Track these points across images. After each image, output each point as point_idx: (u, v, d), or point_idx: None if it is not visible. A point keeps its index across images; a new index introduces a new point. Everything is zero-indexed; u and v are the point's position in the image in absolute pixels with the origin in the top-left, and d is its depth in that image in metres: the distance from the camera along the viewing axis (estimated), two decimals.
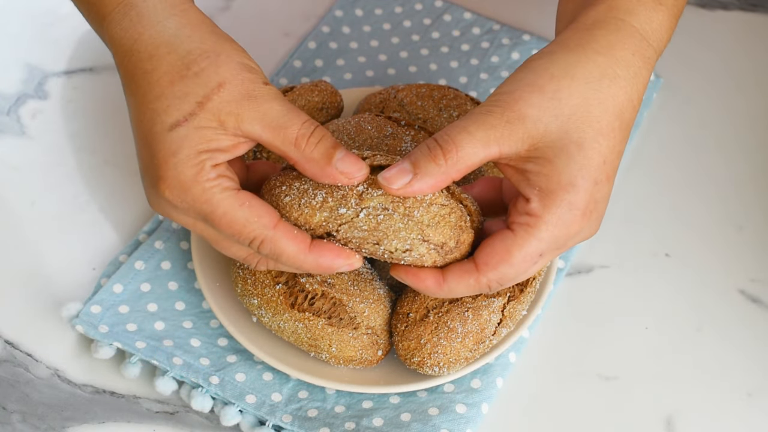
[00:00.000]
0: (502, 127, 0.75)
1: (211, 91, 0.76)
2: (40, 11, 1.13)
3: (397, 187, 0.76)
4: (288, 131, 0.76)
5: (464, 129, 0.75)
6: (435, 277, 0.79)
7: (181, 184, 0.77)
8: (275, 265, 0.80)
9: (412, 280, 0.80)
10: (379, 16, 1.14)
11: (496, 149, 0.75)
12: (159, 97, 0.77)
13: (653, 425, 0.91)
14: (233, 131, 0.77)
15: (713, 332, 0.95)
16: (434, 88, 0.99)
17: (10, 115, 1.06)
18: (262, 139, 0.77)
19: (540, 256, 0.77)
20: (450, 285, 0.79)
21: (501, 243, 0.77)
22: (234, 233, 0.77)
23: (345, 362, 0.88)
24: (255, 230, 0.77)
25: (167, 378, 0.90)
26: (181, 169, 0.76)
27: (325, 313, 0.87)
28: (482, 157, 0.75)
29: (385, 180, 0.76)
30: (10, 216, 1.00)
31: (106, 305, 0.93)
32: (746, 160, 1.05)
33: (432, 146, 0.76)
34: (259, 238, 0.77)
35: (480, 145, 0.75)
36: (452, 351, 0.86)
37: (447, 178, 0.76)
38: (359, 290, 0.88)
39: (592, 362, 0.93)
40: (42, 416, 0.89)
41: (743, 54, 1.12)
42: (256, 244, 0.78)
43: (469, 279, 0.78)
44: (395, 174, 0.76)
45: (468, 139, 0.75)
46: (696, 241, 1.00)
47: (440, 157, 0.75)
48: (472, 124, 0.75)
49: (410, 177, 0.76)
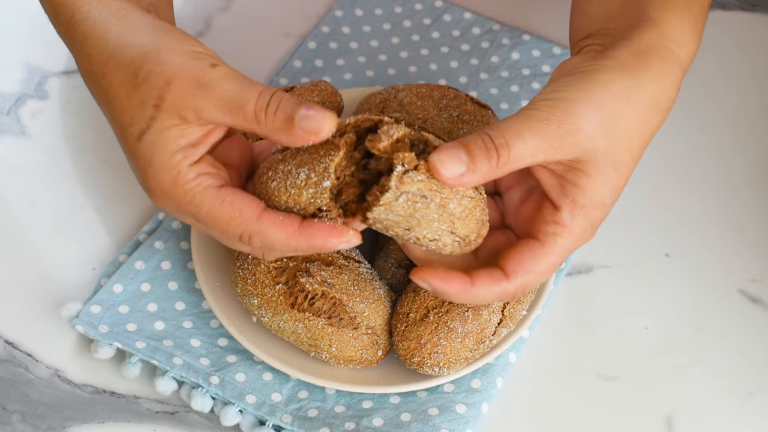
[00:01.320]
0: (556, 138, 0.75)
1: (162, 91, 0.75)
2: (40, 11, 1.12)
3: (450, 175, 0.74)
4: (246, 108, 0.75)
5: (519, 134, 0.75)
6: (462, 283, 0.77)
7: (164, 191, 0.77)
8: (275, 254, 0.79)
9: (439, 284, 0.78)
10: (379, 16, 1.14)
11: (542, 158, 0.76)
12: (122, 112, 0.77)
13: (653, 425, 0.91)
14: (196, 120, 0.76)
15: (713, 332, 0.95)
16: (434, 88, 0.99)
17: (10, 115, 1.06)
18: (225, 121, 0.76)
19: (563, 261, 0.78)
20: (477, 291, 0.77)
21: (529, 252, 0.77)
22: (221, 231, 0.77)
23: (345, 362, 0.88)
24: (240, 225, 0.76)
25: (167, 378, 0.90)
26: (159, 176, 0.76)
27: (325, 313, 0.87)
28: (528, 163, 0.76)
29: (439, 164, 0.74)
30: (10, 216, 1.00)
31: (106, 305, 0.93)
32: (746, 161, 1.05)
33: (488, 144, 0.75)
34: (247, 233, 0.77)
35: (530, 153, 0.75)
36: (452, 351, 0.86)
37: (491, 177, 0.75)
38: (359, 290, 0.88)
39: (592, 362, 0.93)
40: (42, 416, 0.89)
41: (742, 54, 1.12)
42: (245, 238, 0.77)
43: (497, 287, 0.77)
44: (451, 161, 0.74)
45: (521, 145, 0.75)
46: (696, 241, 1.00)
47: (494, 158, 0.74)
48: (527, 130, 0.75)
49: (464, 169, 0.74)
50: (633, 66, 0.78)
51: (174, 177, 0.76)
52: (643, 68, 0.78)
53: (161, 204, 0.78)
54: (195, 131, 0.76)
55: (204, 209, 0.76)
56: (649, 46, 0.79)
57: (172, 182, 0.76)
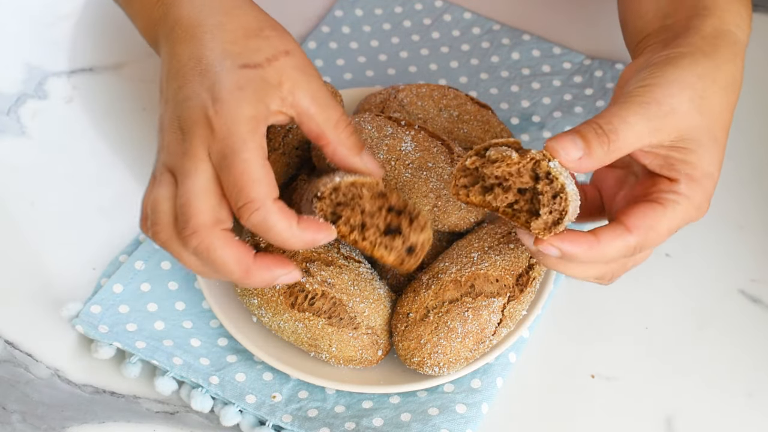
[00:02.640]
0: (658, 120, 0.79)
1: (278, 54, 0.81)
2: (40, 11, 1.13)
3: (569, 158, 0.78)
4: (332, 112, 0.82)
5: (624, 120, 0.79)
6: (589, 241, 0.79)
7: (236, 115, 0.78)
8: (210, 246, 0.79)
9: (568, 246, 0.79)
10: (379, 16, 1.14)
11: (647, 141, 0.80)
12: (233, 42, 0.81)
13: (653, 425, 0.91)
14: (286, 95, 0.80)
15: (713, 332, 0.95)
16: (434, 88, 0.99)
17: (10, 115, 1.06)
18: (308, 112, 0.81)
19: (676, 230, 0.81)
20: (603, 247, 0.79)
21: (651, 210, 0.80)
22: (238, 185, 0.78)
23: (345, 362, 0.88)
24: (258, 192, 0.78)
25: (167, 378, 0.90)
26: (243, 103, 0.79)
27: (325, 313, 0.87)
28: (635, 147, 0.80)
29: (560, 148, 0.78)
30: (10, 216, 1.00)
31: (106, 305, 0.93)
32: (746, 160, 1.05)
33: (599, 130, 0.79)
34: (256, 204, 0.78)
35: (636, 137, 0.79)
36: (452, 351, 0.86)
37: (605, 162, 0.79)
38: (359, 290, 0.88)
39: (592, 362, 0.93)
40: (42, 416, 0.89)
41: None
42: (250, 207, 0.78)
43: (621, 240, 0.79)
44: (570, 146, 0.78)
45: (628, 130, 0.79)
46: (696, 241, 1.00)
47: (606, 143, 0.79)
48: (632, 115, 0.79)
49: (581, 153, 0.78)
50: (709, 50, 0.83)
51: (251, 116, 0.79)
52: (717, 50, 0.83)
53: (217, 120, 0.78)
54: (276, 102, 0.80)
55: (246, 155, 0.78)
56: (715, 31, 0.84)
57: (248, 117, 0.79)
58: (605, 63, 1.10)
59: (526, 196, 0.79)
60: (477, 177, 0.81)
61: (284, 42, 0.82)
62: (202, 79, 0.80)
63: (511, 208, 0.80)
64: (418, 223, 0.83)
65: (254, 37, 0.82)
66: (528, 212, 0.79)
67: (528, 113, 1.07)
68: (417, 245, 0.83)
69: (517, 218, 0.80)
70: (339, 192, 0.81)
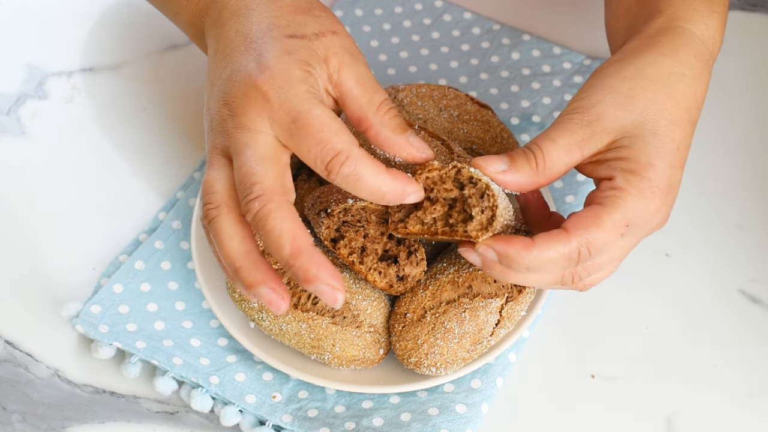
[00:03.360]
0: (582, 130, 0.80)
1: (326, 31, 0.81)
2: (40, 11, 1.13)
3: (491, 169, 0.80)
4: (375, 95, 0.80)
5: (548, 137, 0.80)
6: (524, 242, 0.79)
7: (288, 78, 0.78)
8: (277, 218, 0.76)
9: (502, 246, 0.79)
10: (379, 16, 1.14)
11: (578, 154, 0.81)
12: (279, 17, 0.81)
13: (653, 425, 0.91)
14: (331, 72, 0.79)
15: (713, 332, 0.95)
16: (434, 88, 0.99)
17: (10, 115, 1.06)
18: (352, 92, 0.80)
19: (626, 226, 0.79)
20: (539, 249, 0.78)
21: (590, 211, 0.80)
22: (321, 141, 0.76)
23: (348, 362, 0.88)
24: (344, 142, 0.76)
25: (167, 378, 0.90)
26: (292, 66, 0.78)
27: (328, 312, 0.87)
28: (566, 162, 0.80)
29: (483, 162, 0.80)
30: (10, 216, 1.00)
31: (106, 305, 0.93)
32: (746, 160, 1.05)
33: (526, 151, 0.81)
34: (346, 152, 0.76)
35: (563, 151, 0.80)
36: (449, 351, 0.86)
37: (536, 180, 0.80)
38: (360, 288, 0.88)
39: (592, 362, 0.93)
40: (42, 416, 0.89)
41: (743, 54, 1.12)
42: (339, 159, 0.76)
43: (558, 243, 0.79)
44: (492, 160, 0.81)
45: (552, 146, 0.80)
46: (696, 241, 1.00)
47: (532, 159, 0.80)
48: (555, 132, 0.81)
49: (505, 167, 0.80)
50: (642, 49, 0.83)
51: (305, 76, 0.78)
52: (654, 46, 0.83)
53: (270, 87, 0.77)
54: (324, 77, 0.79)
55: (317, 111, 0.77)
56: (659, 29, 0.84)
57: (302, 78, 0.78)
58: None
59: (457, 208, 0.81)
60: (409, 211, 0.82)
61: (332, 22, 0.82)
62: (248, 51, 0.79)
63: (449, 227, 0.81)
64: (415, 257, 0.86)
65: (302, 13, 0.81)
66: (463, 222, 0.81)
67: (528, 113, 1.07)
68: (409, 276, 0.86)
69: (455, 232, 0.81)
70: (348, 213, 0.84)
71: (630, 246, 0.82)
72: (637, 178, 0.80)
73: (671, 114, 0.81)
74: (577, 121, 0.80)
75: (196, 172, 1.02)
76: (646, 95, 0.81)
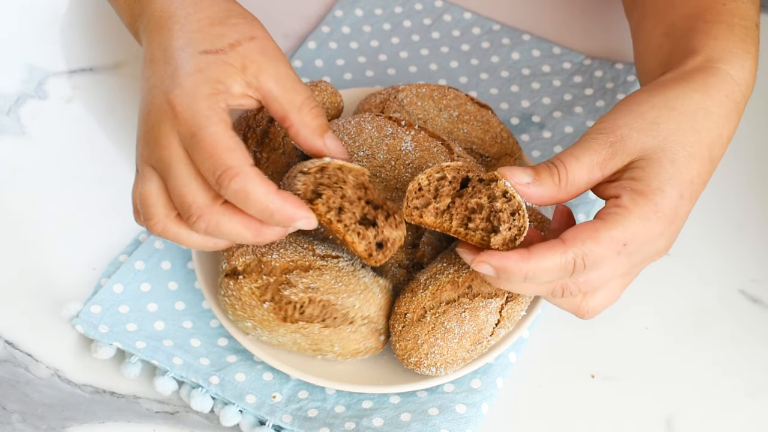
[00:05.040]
0: (605, 150, 0.82)
1: (243, 39, 0.84)
2: (40, 11, 1.13)
3: (517, 180, 0.82)
4: (296, 96, 0.84)
5: (571, 154, 0.82)
6: (520, 254, 0.80)
7: (194, 94, 0.81)
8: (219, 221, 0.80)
9: (498, 260, 0.80)
10: (379, 16, 1.14)
11: (599, 173, 0.82)
12: (196, 31, 0.84)
13: (653, 425, 0.91)
14: (250, 79, 0.83)
15: (713, 332, 0.95)
16: (434, 88, 0.99)
17: (10, 115, 1.06)
18: (272, 95, 0.83)
19: (624, 245, 0.80)
20: (535, 260, 0.79)
21: (590, 224, 0.80)
22: (213, 156, 0.79)
23: (352, 356, 0.88)
24: (235, 159, 0.79)
25: (167, 378, 0.90)
26: (200, 84, 0.81)
27: (317, 317, 0.86)
28: (587, 180, 0.82)
29: (509, 172, 0.82)
30: (10, 216, 1.00)
31: (106, 305, 0.93)
32: (746, 161, 1.05)
33: (549, 164, 0.82)
34: (235, 170, 0.79)
35: (585, 169, 0.82)
36: (449, 351, 0.86)
37: (557, 196, 0.82)
38: (344, 285, 0.87)
39: (592, 362, 0.93)
40: (42, 416, 0.89)
41: None
42: (229, 174, 0.79)
43: (555, 252, 0.79)
44: (517, 171, 0.82)
45: (575, 163, 0.81)
46: (696, 241, 1.00)
47: (555, 175, 0.82)
48: (579, 150, 0.82)
49: (530, 180, 0.82)
50: (674, 83, 0.85)
51: (211, 93, 0.81)
52: (686, 81, 0.84)
53: (178, 102, 0.80)
54: (240, 85, 0.82)
55: (214, 128, 0.80)
56: (694, 67, 0.86)
57: (207, 95, 0.81)
58: (605, 63, 1.10)
59: (482, 215, 0.82)
60: (428, 199, 0.83)
61: (251, 28, 0.84)
62: (166, 67, 0.83)
63: (465, 228, 0.82)
64: (393, 219, 0.85)
65: (219, 24, 0.84)
66: (483, 230, 0.82)
67: (528, 113, 1.07)
68: (388, 241, 0.85)
69: (471, 237, 0.82)
70: (325, 172, 0.83)
71: (625, 267, 0.82)
72: (643, 200, 0.80)
73: (692, 147, 0.82)
74: (602, 141, 0.82)
75: None
76: (671, 125, 0.82)
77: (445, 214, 0.83)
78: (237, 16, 0.85)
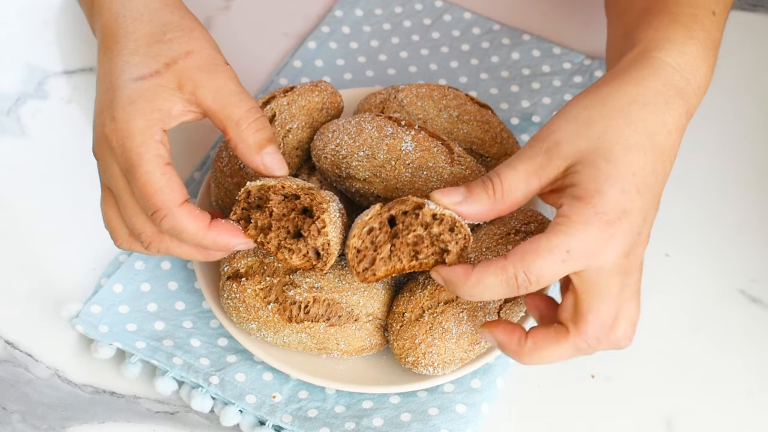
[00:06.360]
0: (540, 157, 0.81)
1: (179, 56, 0.84)
2: (40, 11, 1.13)
3: (447, 201, 0.82)
4: (234, 110, 0.83)
5: (508, 164, 0.82)
6: (464, 268, 0.80)
7: (128, 129, 0.82)
8: (170, 246, 0.84)
9: (445, 272, 0.81)
10: (379, 16, 1.14)
11: (536, 181, 0.81)
12: (133, 53, 0.84)
13: (653, 425, 0.91)
14: (188, 96, 0.83)
15: (713, 332, 0.95)
16: (434, 88, 0.99)
17: (10, 115, 1.06)
18: (210, 110, 0.83)
19: (567, 252, 0.79)
20: (478, 275, 0.79)
21: (532, 239, 0.80)
22: (144, 195, 0.81)
23: (357, 353, 0.88)
24: (163, 201, 0.81)
25: (167, 378, 0.90)
26: (134, 116, 0.82)
27: (322, 317, 0.87)
28: (525, 190, 0.81)
29: (439, 194, 0.82)
30: (10, 216, 1.00)
31: (106, 305, 0.93)
32: (746, 160, 1.05)
33: (484, 179, 0.82)
34: (163, 211, 0.81)
35: (522, 178, 0.81)
36: (447, 351, 0.86)
37: (496, 207, 0.82)
38: (348, 283, 0.88)
39: (592, 362, 0.93)
40: (42, 416, 0.89)
41: (743, 54, 1.12)
42: (159, 215, 0.81)
43: (496, 270, 0.79)
44: (449, 192, 0.82)
45: (511, 173, 0.81)
46: (696, 241, 1.00)
47: (490, 188, 0.81)
48: (515, 159, 0.82)
49: (461, 198, 0.82)
50: (608, 80, 0.84)
51: (145, 127, 0.82)
52: (620, 76, 0.83)
53: (114, 137, 0.82)
54: (180, 104, 0.83)
55: (145, 167, 0.81)
56: (630, 60, 0.85)
57: (141, 129, 0.82)
58: (605, 63, 1.10)
59: (425, 243, 0.82)
60: (371, 256, 0.83)
61: (188, 42, 0.84)
62: (106, 95, 0.84)
63: (416, 260, 0.83)
64: (315, 226, 0.83)
65: (156, 42, 0.84)
66: (434, 254, 0.83)
67: (528, 113, 1.07)
68: (322, 249, 0.84)
69: (426, 265, 0.83)
70: (252, 195, 0.84)
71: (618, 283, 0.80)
72: (581, 205, 0.79)
73: (628, 140, 0.81)
74: (537, 148, 0.81)
75: (195, 172, 1.02)
76: (605, 122, 0.81)
77: (393, 259, 0.83)
78: (174, 29, 0.85)
